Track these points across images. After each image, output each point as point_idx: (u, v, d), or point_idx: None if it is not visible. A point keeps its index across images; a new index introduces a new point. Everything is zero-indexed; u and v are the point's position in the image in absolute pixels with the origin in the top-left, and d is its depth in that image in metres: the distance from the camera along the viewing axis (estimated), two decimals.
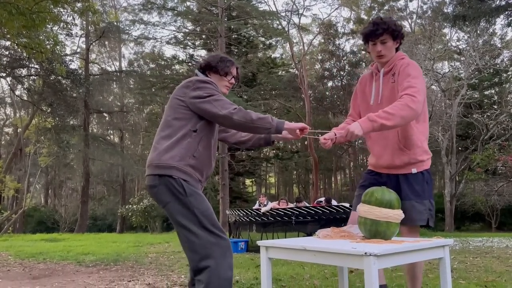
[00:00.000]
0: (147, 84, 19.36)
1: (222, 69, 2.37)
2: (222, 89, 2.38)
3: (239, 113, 2.09)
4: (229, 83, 2.41)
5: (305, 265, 5.29)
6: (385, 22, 2.34)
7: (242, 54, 22.44)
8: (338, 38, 34.19)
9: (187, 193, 2.08)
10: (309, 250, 1.75)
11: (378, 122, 2.11)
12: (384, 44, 2.37)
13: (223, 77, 2.38)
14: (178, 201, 2.09)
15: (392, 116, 2.11)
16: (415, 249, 1.74)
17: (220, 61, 2.37)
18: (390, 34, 2.35)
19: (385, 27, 2.33)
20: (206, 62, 2.39)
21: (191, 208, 2.07)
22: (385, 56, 2.39)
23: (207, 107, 2.12)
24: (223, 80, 2.39)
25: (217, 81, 2.35)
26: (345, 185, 40.77)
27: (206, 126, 2.22)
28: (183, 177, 2.10)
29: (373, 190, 1.96)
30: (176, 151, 2.13)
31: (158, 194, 2.15)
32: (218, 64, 2.36)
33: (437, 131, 21.89)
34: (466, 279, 4.22)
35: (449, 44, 24.25)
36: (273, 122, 2.09)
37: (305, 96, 25.65)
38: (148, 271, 5.38)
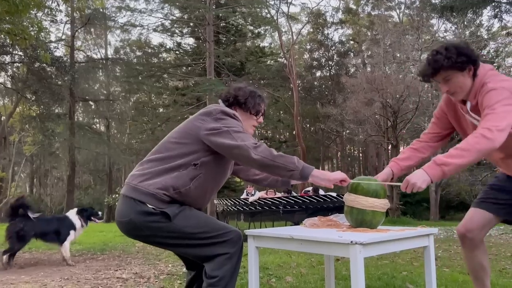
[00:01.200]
0: (134, 72, 19.12)
1: (253, 106, 2.04)
2: (249, 129, 2.06)
3: (259, 148, 1.76)
4: (258, 122, 2.09)
5: (292, 253, 5.34)
6: (437, 60, 2.01)
7: (230, 43, 22.27)
8: (327, 27, 34.14)
9: (170, 217, 1.80)
10: (296, 239, 1.76)
11: (451, 164, 1.80)
12: (448, 81, 2.05)
13: (252, 116, 2.06)
14: (160, 232, 1.82)
15: (467, 152, 1.80)
16: (400, 238, 1.76)
17: (250, 97, 2.04)
18: (451, 69, 2.01)
19: (436, 67, 2.02)
20: (233, 96, 2.05)
21: (180, 230, 1.82)
22: (456, 93, 2.06)
23: (224, 138, 1.79)
24: (252, 119, 2.06)
25: (245, 119, 2.03)
26: None
27: (212, 164, 1.89)
28: (159, 206, 1.81)
29: (359, 179, 1.97)
30: (161, 179, 1.83)
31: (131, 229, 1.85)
32: (248, 100, 2.03)
33: (424, 121, 22.12)
34: (450, 267, 4.30)
35: (436, 35, 24.40)
36: (299, 164, 1.75)
37: (293, 85, 25.62)
38: (135, 260, 5.37)
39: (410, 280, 3.45)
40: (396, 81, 19.55)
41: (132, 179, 1.88)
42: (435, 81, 2.10)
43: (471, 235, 2.19)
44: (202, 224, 1.86)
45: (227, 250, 1.84)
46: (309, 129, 38.16)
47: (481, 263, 2.21)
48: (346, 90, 23.76)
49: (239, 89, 2.08)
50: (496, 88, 1.92)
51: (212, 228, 1.87)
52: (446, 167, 1.80)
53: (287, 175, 1.77)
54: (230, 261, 1.83)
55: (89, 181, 35.22)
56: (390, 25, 25.04)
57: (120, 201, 1.90)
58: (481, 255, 2.21)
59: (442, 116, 2.30)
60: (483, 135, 1.80)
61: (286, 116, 30.82)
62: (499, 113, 1.84)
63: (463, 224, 2.24)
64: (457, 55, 1.97)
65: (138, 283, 3.80)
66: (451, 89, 2.05)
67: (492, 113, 1.85)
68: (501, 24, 20.49)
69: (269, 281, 3.57)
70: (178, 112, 19.40)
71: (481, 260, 2.21)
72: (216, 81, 16.96)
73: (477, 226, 2.21)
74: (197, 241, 1.84)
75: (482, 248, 2.22)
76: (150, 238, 1.86)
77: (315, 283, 3.43)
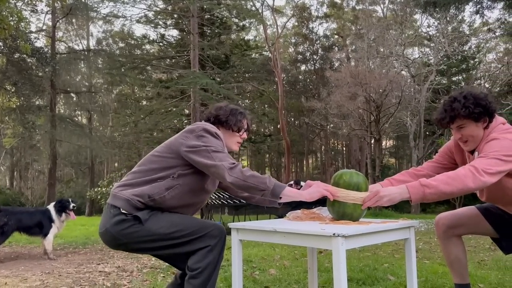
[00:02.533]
0: (116, 64, 18.85)
1: (235, 124, 2.08)
2: (233, 146, 2.12)
3: (234, 169, 1.79)
4: (241, 138, 2.14)
5: (276, 246, 5.37)
6: (454, 108, 2.00)
7: (214, 35, 22.12)
8: (311, 21, 34.19)
9: (142, 220, 1.82)
10: (279, 231, 1.77)
11: (434, 187, 1.79)
12: (462, 129, 2.03)
13: (235, 133, 2.11)
14: (135, 238, 1.83)
15: (453, 181, 1.79)
16: (381, 230, 1.78)
17: (231, 115, 2.09)
18: (467, 118, 2.00)
19: (453, 115, 2.01)
20: (214, 116, 2.10)
21: (154, 232, 1.83)
22: (468, 142, 2.06)
23: (202, 156, 1.84)
24: (235, 136, 2.11)
25: (228, 137, 2.08)
26: (316, 168, 41.38)
27: (191, 177, 1.93)
28: (132, 212, 1.84)
29: (341, 172, 1.99)
30: (139, 188, 1.88)
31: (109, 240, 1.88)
32: (229, 118, 2.08)
33: (406, 116, 22.41)
34: (430, 259, 4.38)
35: (419, 30, 24.67)
36: (270, 184, 1.76)
37: (278, 79, 25.65)
38: (117, 254, 5.33)
39: (392, 272, 3.51)
40: (379, 76, 19.75)
41: (115, 188, 1.94)
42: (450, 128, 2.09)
43: (444, 222, 2.23)
44: (176, 224, 1.87)
45: (207, 243, 1.86)
46: (293, 123, 38.30)
47: (456, 255, 2.24)
48: (330, 84, 23.90)
49: (219, 108, 2.13)
50: (499, 138, 1.93)
51: (187, 226, 1.88)
52: (429, 189, 1.80)
53: (259, 195, 1.79)
54: (212, 253, 1.85)
55: (71, 174, 34.72)
56: (374, 20, 25.22)
57: (103, 211, 1.96)
58: (454, 247, 2.23)
59: (448, 154, 2.28)
60: (473, 172, 1.80)
61: (270, 110, 30.86)
62: (493, 158, 1.85)
63: (444, 213, 2.29)
64: (475, 106, 1.97)
65: (120, 276, 3.77)
66: (463, 137, 2.05)
67: (486, 157, 1.86)
68: (482, 20, 20.84)
69: (252, 273, 3.59)
70: (161, 105, 19.23)
71: (456, 252, 2.24)
72: (200, 74, 16.85)
73: (455, 218, 2.23)
74: (174, 241, 1.85)
75: (455, 241, 2.24)
76: (129, 245, 1.88)
77: (298, 275, 3.46)
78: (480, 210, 2.26)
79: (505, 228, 2.18)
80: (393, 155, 37.33)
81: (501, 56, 24.24)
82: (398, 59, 22.28)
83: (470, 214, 2.25)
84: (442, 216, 2.27)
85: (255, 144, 27.94)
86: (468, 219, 2.23)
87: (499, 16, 10.65)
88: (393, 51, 21.93)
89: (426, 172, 2.24)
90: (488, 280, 3.13)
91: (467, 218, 2.24)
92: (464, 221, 2.23)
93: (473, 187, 1.81)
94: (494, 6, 8.06)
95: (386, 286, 3.02)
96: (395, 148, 35.82)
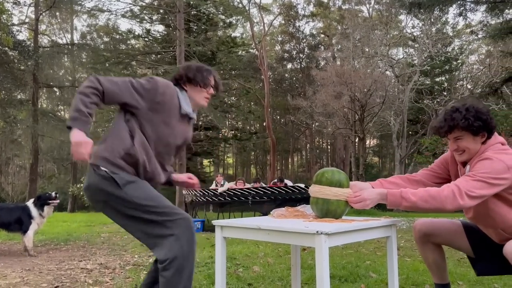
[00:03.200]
0: (101, 58, 18.59)
1: (201, 80, 2.20)
2: (201, 101, 2.22)
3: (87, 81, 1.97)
4: (208, 93, 2.24)
5: (260, 244, 5.38)
6: (454, 118, 1.97)
7: (201, 32, 22.01)
8: (298, 20, 34.29)
9: (120, 184, 1.89)
10: (263, 229, 1.78)
11: (412, 202, 1.84)
12: (459, 140, 2.01)
13: (202, 89, 2.22)
14: (112, 197, 1.90)
15: (433, 200, 1.83)
16: (364, 228, 1.81)
17: (197, 72, 2.20)
18: (465, 130, 1.97)
19: (451, 124, 1.98)
20: (182, 74, 2.21)
21: (129, 199, 1.88)
22: (463, 154, 2.03)
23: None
24: (202, 91, 2.22)
25: (196, 93, 2.19)
26: (301, 166, 41.60)
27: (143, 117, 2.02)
28: (112, 170, 1.92)
29: (323, 171, 2.01)
30: (109, 141, 2.02)
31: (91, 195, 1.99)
32: (196, 75, 2.19)
33: (390, 115, 22.66)
34: (411, 257, 4.45)
35: (404, 31, 24.95)
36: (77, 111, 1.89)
37: (264, 77, 25.66)
38: (100, 251, 5.28)
39: (373, 269, 3.56)
40: (364, 75, 19.93)
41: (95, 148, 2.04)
42: (447, 138, 2.07)
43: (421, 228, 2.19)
44: (152, 197, 1.93)
45: (173, 232, 1.86)
46: (279, 121, 38.39)
47: (433, 259, 2.22)
48: (316, 83, 24.03)
49: (187, 67, 2.25)
50: (492, 158, 1.89)
51: (161, 204, 1.92)
52: (406, 203, 1.84)
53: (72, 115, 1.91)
54: (178, 243, 1.84)
55: (53, 170, 34.16)
56: (359, 20, 25.41)
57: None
58: (431, 253, 2.21)
59: (444, 164, 2.25)
60: (454, 194, 1.81)
61: (257, 108, 30.86)
62: (480, 181, 1.83)
63: (423, 219, 2.24)
64: (475, 119, 1.94)
65: (103, 273, 3.74)
66: (459, 148, 2.02)
67: (473, 178, 1.85)
68: (465, 22, 21.24)
69: (236, 271, 3.59)
70: None
71: (433, 257, 2.22)
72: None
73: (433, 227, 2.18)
74: (145, 215, 1.88)
75: (432, 247, 2.21)
76: (107, 205, 1.95)
77: (282, 272, 3.48)
78: (464, 225, 2.22)
79: (483, 251, 2.14)
80: (377, 154, 37.77)
81: (483, 58, 24.72)
82: (383, 59, 22.52)
83: (450, 227, 2.21)
84: (420, 222, 2.24)
85: (240, 142, 27.93)
86: (446, 232, 2.20)
87: (481, 18, 10.86)
88: (378, 51, 22.16)
89: (420, 178, 2.22)
90: (467, 278, 3.20)
91: (446, 230, 2.20)
92: (441, 232, 2.19)
93: (450, 209, 1.83)
94: (477, 9, 8.20)
95: (368, 283, 3.06)
96: (379, 147, 36.25)
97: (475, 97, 12.82)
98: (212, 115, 18.13)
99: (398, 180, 2.21)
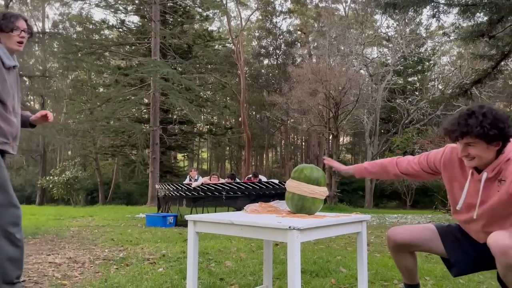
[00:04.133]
0: (73, 48, 18.10)
1: (7, 26, 2.33)
2: (14, 46, 2.37)
3: None
4: (20, 37, 2.38)
5: (233, 239, 5.39)
6: (468, 124, 1.80)
7: (177, 24, 21.73)
8: (275, 16, 34.32)
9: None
10: (236, 224, 1.78)
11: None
12: (470, 147, 1.85)
13: (10, 34, 2.35)
14: None
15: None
16: (335, 224, 1.83)
17: (3, 19, 2.35)
18: (479, 138, 1.81)
19: (465, 131, 1.81)
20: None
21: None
22: (473, 160, 1.88)
23: None
24: (12, 36, 2.36)
25: (7, 39, 2.34)
26: (276, 162, 41.80)
27: None
28: None
29: (303, 167, 2.02)
30: None
31: None
32: (1, 22, 2.34)
33: (363, 113, 23.04)
34: (381, 252, 4.55)
35: (379, 31, 25.36)
36: None
37: (241, 72, 25.60)
38: (69, 245, 5.17)
39: (344, 264, 3.62)
40: (339, 74, 20.14)
41: None
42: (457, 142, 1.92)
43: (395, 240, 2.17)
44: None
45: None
46: (255, 117, 38.43)
47: (405, 264, 2.22)
48: (292, 79, 24.14)
49: None
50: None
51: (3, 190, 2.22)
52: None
53: None
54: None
55: (21, 162, 33.16)
56: (336, 18, 25.65)
57: None
58: (403, 259, 2.20)
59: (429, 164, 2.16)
60: None
61: (232, 103, 30.77)
62: None
63: (397, 229, 2.20)
64: (491, 127, 1.77)
65: (71, 268, 3.66)
66: (470, 155, 1.87)
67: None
68: (438, 24, 21.74)
69: (208, 265, 3.59)
70: (119, 93, 18.70)
71: (404, 262, 2.21)
72: (161, 62, 16.52)
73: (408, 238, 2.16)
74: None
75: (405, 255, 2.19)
76: None
77: (254, 267, 3.50)
78: (439, 231, 2.18)
79: (458, 253, 2.12)
80: (350, 151, 38.36)
81: (454, 59, 25.41)
82: (358, 58, 22.83)
83: (425, 235, 2.16)
84: (395, 232, 2.19)
85: (215, 137, 27.82)
86: (422, 240, 2.16)
87: (454, 20, 11.14)
88: (353, 50, 22.44)
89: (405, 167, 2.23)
90: (434, 273, 3.29)
91: (422, 239, 2.16)
92: (418, 242, 2.16)
93: None
94: (449, 11, 8.40)
95: (338, 278, 3.11)
96: (352, 144, 36.82)
97: (446, 97, 13.15)
98: (187, 109, 17.97)
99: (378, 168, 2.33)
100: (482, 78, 9.15)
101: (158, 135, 18.03)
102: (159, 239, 5.54)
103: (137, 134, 18.80)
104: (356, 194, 26.97)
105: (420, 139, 18.14)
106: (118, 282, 2.95)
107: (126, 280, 3.00)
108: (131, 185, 29.11)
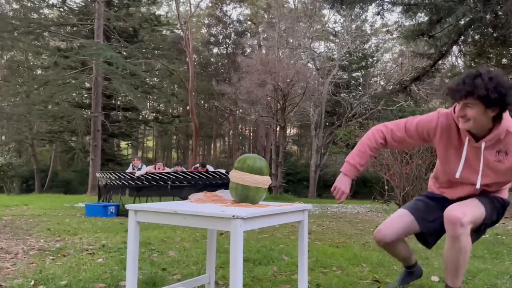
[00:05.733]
0: (8, 26, 16.84)
1: None
2: None
3: None
4: None
5: (177, 228, 5.33)
6: (475, 84, 1.83)
7: (123, 6, 20.92)
8: (226, 4, 33.99)
9: None
10: (179, 213, 1.75)
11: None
12: (468, 107, 1.88)
13: None
14: None
15: None
16: (278, 213, 1.86)
17: None
18: (479, 100, 1.83)
19: (470, 90, 1.83)
20: None
21: None
22: (469, 122, 1.91)
23: None
24: None
25: None
26: (224, 152, 41.75)
27: None
28: None
29: (245, 157, 2.03)
30: None
31: None
32: None
33: (309, 106, 23.54)
34: (321, 240, 4.70)
35: (326, 25, 25.91)
36: None
37: (189, 59, 25.15)
38: (1, 235, 4.86)
39: (286, 252, 3.70)
40: (287, 66, 20.41)
41: None
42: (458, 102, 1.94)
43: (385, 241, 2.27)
44: None
45: None
46: (203, 106, 38.03)
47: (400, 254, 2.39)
48: (241, 69, 24.12)
49: None
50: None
51: None
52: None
53: None
54: None
55: None
56: (285, 10, 25.87)
57: None
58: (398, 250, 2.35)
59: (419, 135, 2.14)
60: None
61: (180, 91, 30.22)
62: None
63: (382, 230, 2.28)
64: (494, 90, 1.80)
65: (3, 259, 3.45)
66: (468, 115, 1.89)
67: None
68: (382, 22, 22.60)
69: (150, 256, 3.52)
70: (58, 76, 17.72)
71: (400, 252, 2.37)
72: (104, 45, 15.84)
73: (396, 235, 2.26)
74: None
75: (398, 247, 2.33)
76: None
77: (197, 256, 3.48)
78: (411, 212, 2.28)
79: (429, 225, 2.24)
80: (296, 143, 39.12)
81: (396, 57, 26.58)
82: (306, 51, 23.23)
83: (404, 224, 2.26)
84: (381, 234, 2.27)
85: (162, 125, 27.24)
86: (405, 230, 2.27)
87: (397, 19, 11.63)
88: (301, 43, 22.79)
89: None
90: (370, 260, 3.45)
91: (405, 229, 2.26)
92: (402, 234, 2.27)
93: None
94: (393, 9, 8.73)
95: (280, 265, 3.17)
96: (298, 136, 37.55)
97: (387, 93, 13.74)
98: (131, 95, 17.41)
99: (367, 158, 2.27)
100: (421, 76, 9.62)
101: (100, 122, 17.35)
102: (99, 229, 5.36)
103: (77, 120, 17.95)
104: (301, 184, 27.61)
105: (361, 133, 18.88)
106: (53, 273, 2.82)
107: (62, 271, 2.88)
108: (70, 173, 27.85)
